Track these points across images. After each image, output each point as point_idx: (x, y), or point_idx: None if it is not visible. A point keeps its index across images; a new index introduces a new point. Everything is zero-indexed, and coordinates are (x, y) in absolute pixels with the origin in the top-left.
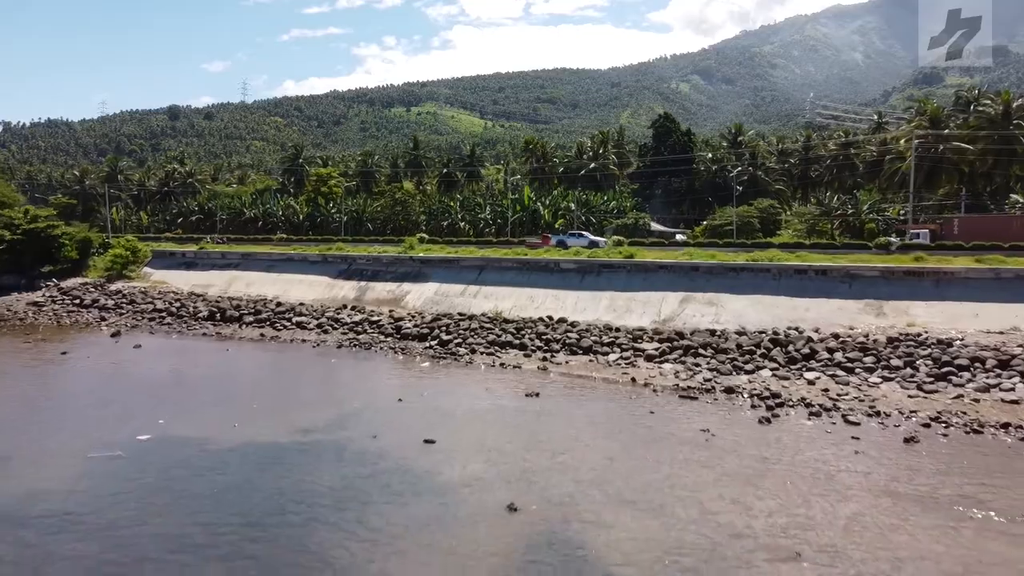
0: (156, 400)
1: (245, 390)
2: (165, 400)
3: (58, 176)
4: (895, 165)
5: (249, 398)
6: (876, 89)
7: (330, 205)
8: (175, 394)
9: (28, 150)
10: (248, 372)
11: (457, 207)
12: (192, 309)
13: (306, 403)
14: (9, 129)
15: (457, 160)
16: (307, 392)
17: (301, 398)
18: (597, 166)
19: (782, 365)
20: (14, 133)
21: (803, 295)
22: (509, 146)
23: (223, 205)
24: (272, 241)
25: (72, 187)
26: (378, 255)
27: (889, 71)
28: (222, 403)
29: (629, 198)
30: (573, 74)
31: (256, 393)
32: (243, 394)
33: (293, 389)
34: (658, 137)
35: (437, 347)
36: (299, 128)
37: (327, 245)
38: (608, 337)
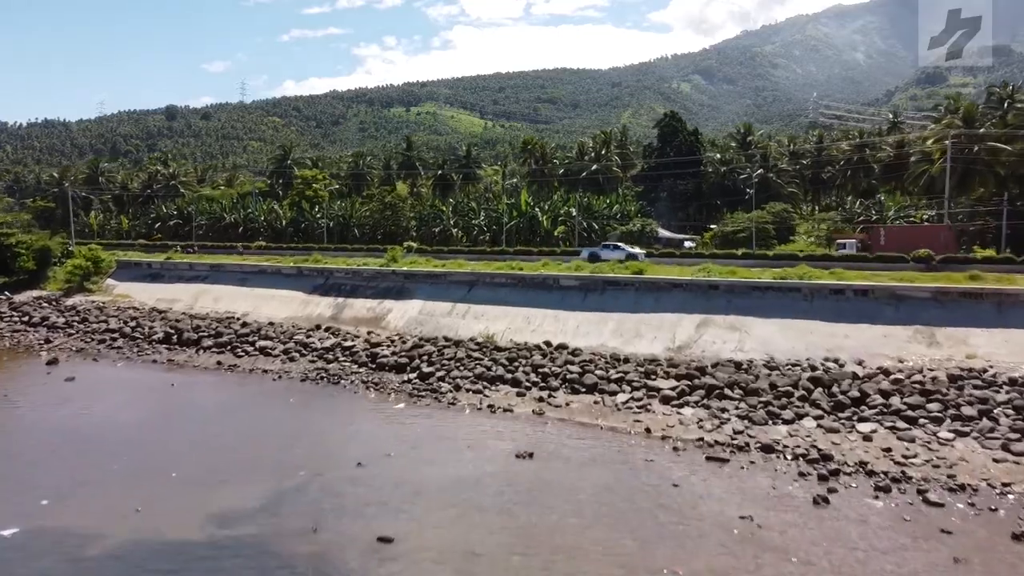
0: (54, 464)
1: (172, 447)
2: (66, 463)
3: (46, 178)
4: (921, 167)
5: (172, 461)
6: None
7: (315, 210)
8: (83, 454)
9: (23, 150)
10: (186, 418)
11: (449, 212)
12: (148, 330)
13: (241, 470)
14: (5, 130)
15: (453, 161)
16: (247, 451)
17: (237, 461)
18: (599, 168)
19: (827, 412)
20: (10, 134)
21: (841, 319)
22: (509, 146)
23: (203, 209)
24: (250, 249)
25: (50, 189)
26: (358, 268)
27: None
28: (136, 470)
29: (633, 202)
30: (574, 74)
31: (184, 453)
32: (167, 454)
33: (231, 446)
34: (664, 137)
35: (416, 381)
36: (297, 128)
37: (303, 256)
38: (616, 371)
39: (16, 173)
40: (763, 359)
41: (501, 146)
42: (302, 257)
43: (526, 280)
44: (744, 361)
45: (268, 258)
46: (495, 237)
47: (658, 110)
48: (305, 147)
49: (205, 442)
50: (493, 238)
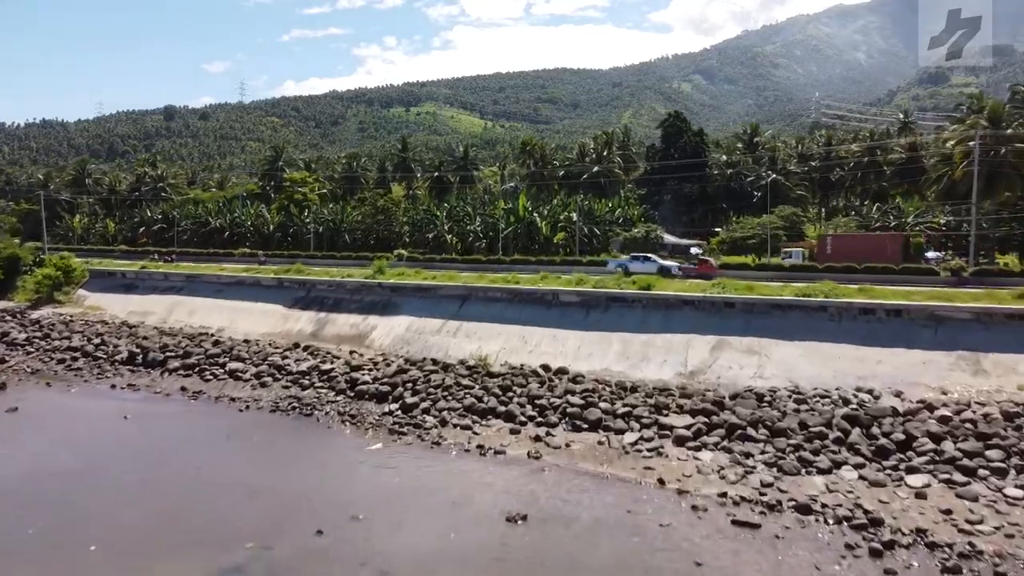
0: None
1: (104, 505)
2: None
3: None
4: (940, 169)
5: (99, 525)
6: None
7: (304, 214)
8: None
9: (19, 151)
10: (129, 464)
11: (443, 218)
12: (112, 349)
13: (177, 539)
14: (3, 130)
15: (450, 162)
16: (190, 511)
17: (175, 526)
18: (601, 170)
19: (869, 459)
20: (8, 134)
21: (872, 343)
22: (509, 147)
23: (187, 214)
24: (234, 257)
25: (35, 192)
26: (341, 280)
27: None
28: (52, 537)
29: (636, 206)
30: (574, 74)
31: (115, 513)
32: (95, 515)
33: (172, 506)
34: (667, 138)
35: (399, 413)
36: (296, 128)
37: (285, 266)
38: (622, 403)
39: (8, 174)
40: (787, 388)
41: (501, 146)
42: (283, 267)
43: (523, 295)
44: (765, 391)
45: (248, 268)
46: (491, 244)
47: (659, 110)
48: (304, 147)
49: (143, 498)
50: (489, 245)
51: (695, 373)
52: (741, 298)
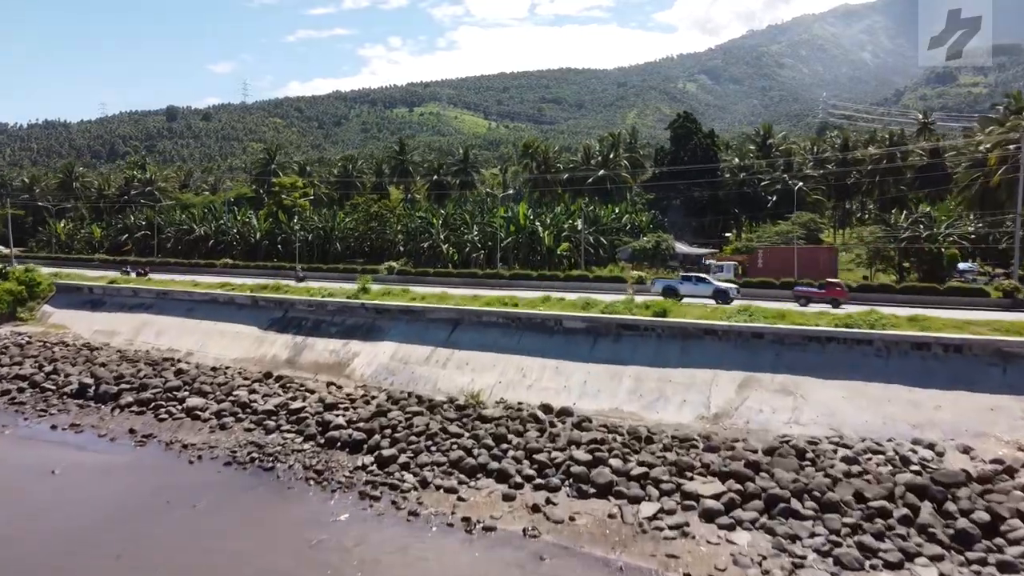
0: None
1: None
2: None
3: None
4: (973, 174)
5: None
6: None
7: (294, 221)
8: None
9: (20, 152)
10: (28, 548)
11: (439, 226)
12: (63, 378)
13: None
14: (6, 131)
15: (450, 165)
16: None
17: None
18: (607, 174)
19: (948, 546)
20: (11, 135)
21: (928, 383)
22: (512, 147)
23: (171, 220)
24: (215, 268)
25: (20, 195)
26: (322, 300)
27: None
28: None
29: (644, 212)
30: (578, 74)
31: None
32: None
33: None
34: (676, 140)
35: (373, 469)
36: (299, 129)
37: (263, 283)
38: (637, 459)
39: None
40: (829, 437)
41: (505, 147)
42: (261, 284)
43: (522, 320)
44: (804, 442)
45: (224, 285)
46: (490, 255)
47: (664, 110)
48: (306, 148)
49: None
50: (488, 256)
51: (720, 416)
52: (771, 327)
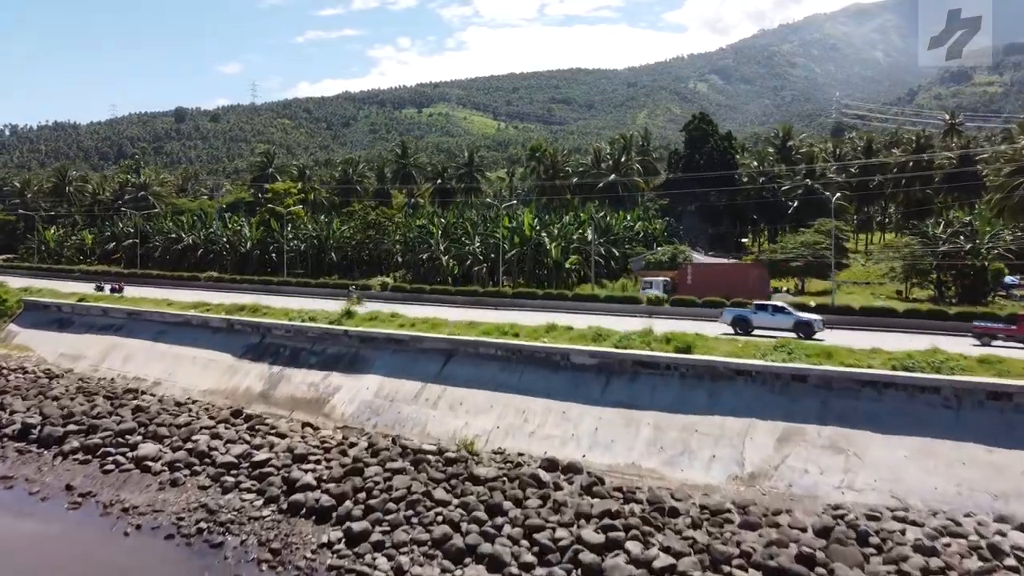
0: None
1: None
2: None
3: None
4: (1016, 180)
5: None
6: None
7: (287, 230)
8: None
9: (28, 154)
10: None
11: (439, 236)
12: (8, 415)
13: None
14: (16, 132)
15: (456, 168)
16: None
17: None
18: (619, 179)
19: None
20: (21, 136)
21: (1009, 442)
22: (521, 148)
23: (160, 228)
24: (199, 282)
25: (11, 201)
26: (302, 325)
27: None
28: None
29: (658, 219)
30: (588, 74)
31: None
32: None
33: None
34: (692, 142)
35: (342, 548)
36: (307, 130)
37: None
38: (659, 546)
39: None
40: (893, 509)
41: (514, 148)
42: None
43: (524, 353)
44: (862, 514)
45: (199, 305)
46: (493, 268)
47: (675, 110)
48: (314, 149)
49: None
50: (491, 269)
51: (756, 476)
52: (816, 369)
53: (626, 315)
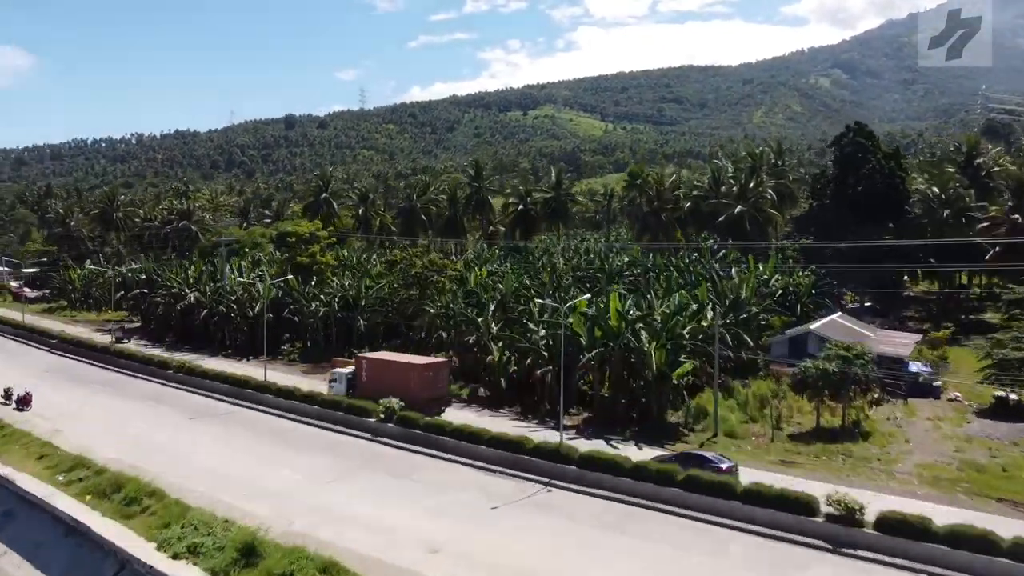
0: None
1: None
2: None
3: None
4: None
5: None
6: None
7: (310, 286)
8: None
9: (145, 163)
10: None
11: (491, 312)
12: None
13: None
14: (141, 141)
15: (542, 192)
16: None
17: None
18: (746, 209)
19: None
20: (144, 145)
21: None
22: (630, 152)
23: (169, 278)
24: (167, 372)
25: (54, 230)
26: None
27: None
28: None
29: (798, 266)
30: (701, 72)
31: None
32: None
33: None
34: (844, 161)
35: None
36: (411, 135)
37: (121, 482)
38: None
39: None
40: None
41: (621, 152)
42: (147, 468)
43: None
44: None
45: (78, 467)
46: (565, 373)
47: (794, 107)
48: (417, 155)
49: None
50: (562, 375)
51: None
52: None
53: None
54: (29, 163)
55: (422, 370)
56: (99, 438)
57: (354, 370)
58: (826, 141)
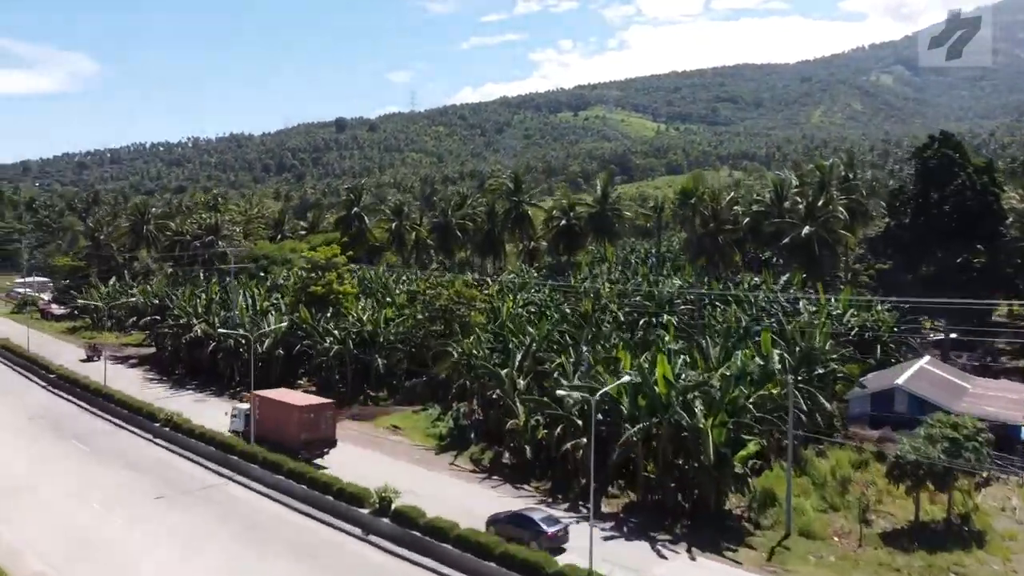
0: None
1: None
2: None
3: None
4: None
5: None
6: None
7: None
8: None
9: (199, 167)
10: None
11: (515, 366)
12: None
13: None
14: (196, 145)
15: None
16: None
17: None
18: (814, 231)
19: None
20: (200, 149)
21: None
22: (683, 153)
23: (181, 309)
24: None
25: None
26: None
27: None
28: None
29: (874, 297)
30: (756, 70)
31: None
32: None
33: None
34: (927, 176)
35: None
36: (460, 137)
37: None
38: None
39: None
40: None
41: (674, 154)
42: None
43: None
44: None
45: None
46: (601, 453)
47: (855, 106)
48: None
49: None
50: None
51: None
52: None
53: None
54: (90, 167)
55: (302, 411)
56: (40, 532)
57: (246, 411)
58: (889, 141)
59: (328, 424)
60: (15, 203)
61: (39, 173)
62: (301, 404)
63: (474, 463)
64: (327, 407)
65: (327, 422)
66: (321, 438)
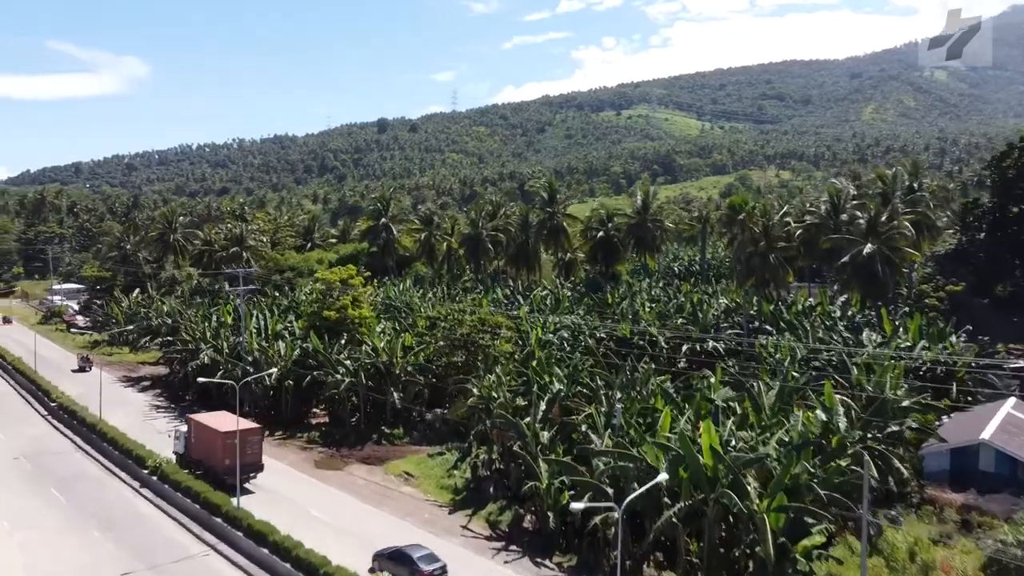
0: None
1: None
2: None
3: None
4: None
5: None
6: None
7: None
8: None
9: (243, 168)
10: None
11: (539, 421)
12: None
13: None
14: (242, 146)
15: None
16: None
17: None
18: (877, 247)
19: None
20: (244, 150)
21: None
22: (728, 153)
23: (194, 332)
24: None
25: (108, 254)
26: None
27: None
28: None
29: (951, 332)
30: (804, 66)
31: None
32: None
33: None
34: (1008, 187)
35: None
36: (501, 137)
37: None
38: None
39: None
40: None
41: (719, 153)
42: None
43: None
44: None
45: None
46: (632, 542)
47: (908, 103)
48: (507, 157)
49: None
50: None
51: None
52: None
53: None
54: (139, 168)
55: (225, 437)
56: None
57: (184, 436)
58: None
59: (254, 450)
60: (57, 207)
61: (90, 175)
62: (224, 430)
63: (491, 526)
64: (253, 432)
65: (253, 448)
66: (248, 463)
